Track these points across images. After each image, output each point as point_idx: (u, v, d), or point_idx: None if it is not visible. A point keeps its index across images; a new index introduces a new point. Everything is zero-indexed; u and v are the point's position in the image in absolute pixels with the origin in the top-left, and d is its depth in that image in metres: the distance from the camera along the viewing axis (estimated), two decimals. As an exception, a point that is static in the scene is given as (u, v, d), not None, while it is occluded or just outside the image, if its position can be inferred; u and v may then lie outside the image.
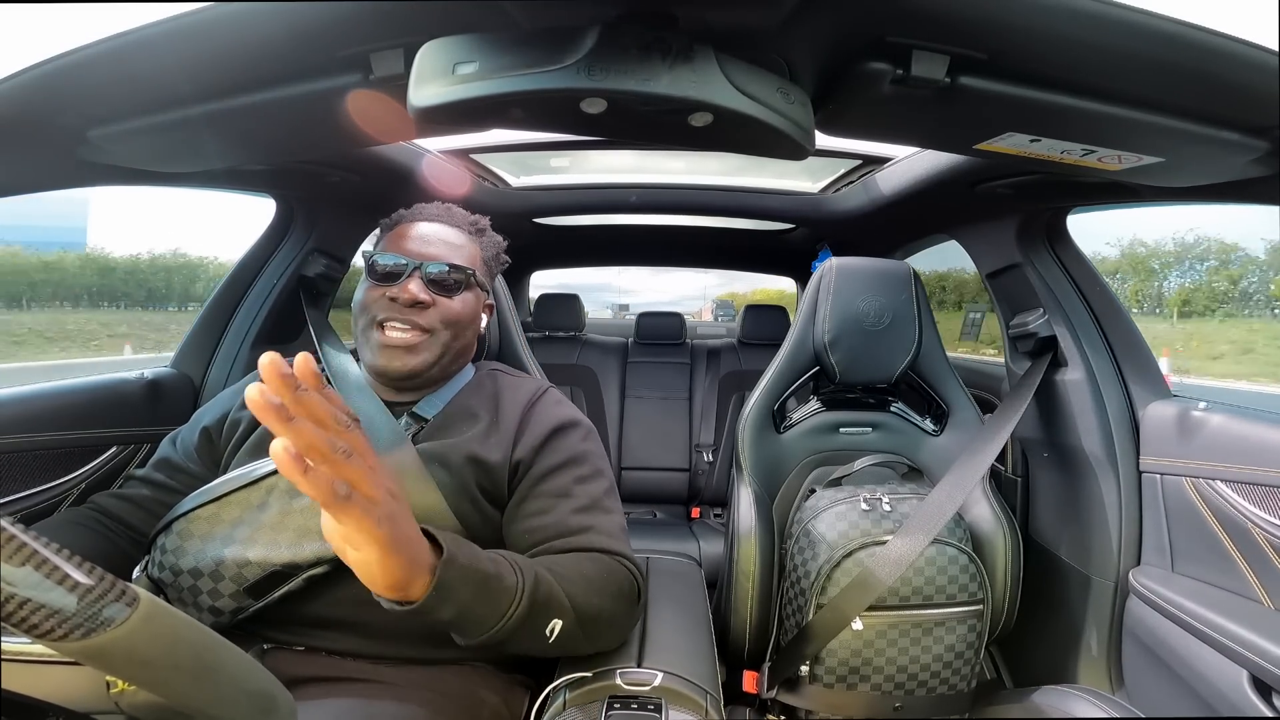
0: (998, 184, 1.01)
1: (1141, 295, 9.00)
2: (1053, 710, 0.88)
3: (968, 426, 1.14)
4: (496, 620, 0.54)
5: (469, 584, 0.51)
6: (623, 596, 0.68)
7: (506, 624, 0.54)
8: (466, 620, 0.53)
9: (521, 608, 0.55)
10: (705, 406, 2.17)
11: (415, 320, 0.73)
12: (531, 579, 0.57)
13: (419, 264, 0.74)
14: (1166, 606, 0.90)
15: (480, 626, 0.54)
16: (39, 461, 0.90)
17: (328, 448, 0.39)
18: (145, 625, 0.35)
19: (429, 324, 0.74)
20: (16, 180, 0.73)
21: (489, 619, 0.54)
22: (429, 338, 0.74)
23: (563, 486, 0.72)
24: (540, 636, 0.58)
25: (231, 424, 0.77)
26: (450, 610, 0.50)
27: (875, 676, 0.94)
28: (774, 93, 0.49)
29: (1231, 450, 0.87)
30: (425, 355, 0.74)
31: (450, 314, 0.75)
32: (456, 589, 0.50)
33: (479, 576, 0.53)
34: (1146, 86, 0.53)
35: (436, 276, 0.74)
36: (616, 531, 0.72)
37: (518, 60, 0.44)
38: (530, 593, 0.56)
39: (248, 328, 1.20)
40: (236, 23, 0.49)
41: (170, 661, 0.37)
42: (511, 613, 0.55)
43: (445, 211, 0.83)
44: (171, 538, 0.66)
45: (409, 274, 0.73)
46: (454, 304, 0.76)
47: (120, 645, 0.34)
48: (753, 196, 1.69)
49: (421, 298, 0.73)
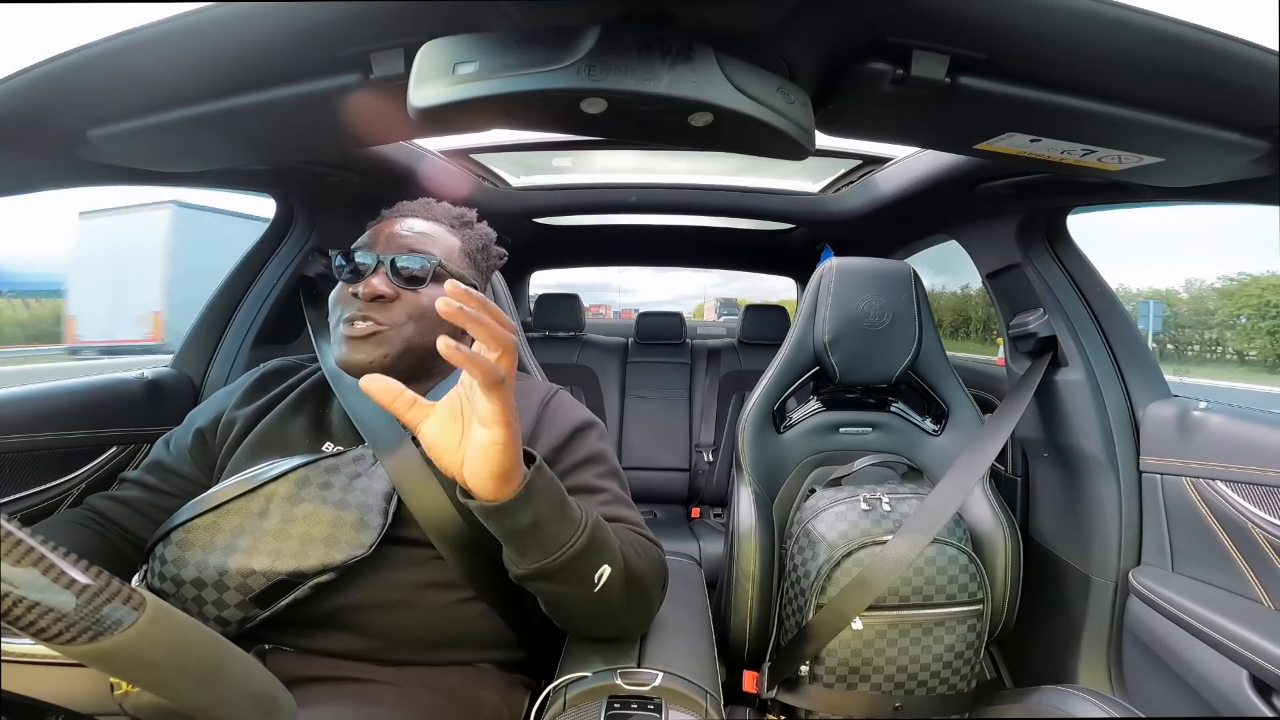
0: (998, 184, 1.01)
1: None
2: (1053, 710, 0.88)
3: (968, 426, 1.14)
4: (558, 546, 0.56)
5: (549, 497, 0.55)
6: (659, 575, 0.71)
7: (566, 552, 0.56)
8: (536, 532, 0.55)
9: (582, 540, 0.57)
10: (705, 406, 2.17)
11: (375, 316, 0.70)
12: (594, 518, 0.60)
13: (380, 258, 0.71)
14: (1166, 606, 0.90)
15: (544, 547, 0.56)
16: (39, 461, 0.90)
17: (507, 340, 0.47)
18: (152, 628, 0.35)
19: (389, 319, 0.70)
20: (16, 180, 0.73)
21: (553, 541, 0.56)
22: (392, 330, 0.71)
23: (587, 483, 0.73)
24: (588, 580, 0.59)
25: (226, 424, 0.76)
26: (527, 517, 0.54)
27: (875, 676, 0.94)
28: (774, 93, 0.49)
29: (1231, 450, 0.87)
30: (386, 348, 0.71)
31: (416, 307, 0.71)
32: (539, 497, 0.54)
33: (558, 494, 0.57)
34: (1146, 86, 0.53)
35: (401, 269, 0.71)
36: (641, 523, 0.74)
37: (518, 60, 0.44)
38: (592, 529, 0.58)
39: (248, 327, 1.19)
40: (236, 23, 0.49)
41: (176, 664, 0.37)
42: (573, 542, 0.57)
43: (424, 206, 0.80)
44: (171, 548, 0.64)
45: (373, 269, 0.71)
46: (420, 297, 0.72)
47: (128, 648, 0.34)
48: (753, 196, 1.69)
49: (383, 290, 0.70)
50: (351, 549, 0.64)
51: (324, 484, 0.67)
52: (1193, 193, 0.77)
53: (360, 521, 0.65)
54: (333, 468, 0.68)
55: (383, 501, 0.67)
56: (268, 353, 1.17)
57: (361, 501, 0.66)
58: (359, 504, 0.66)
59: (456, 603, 0.69)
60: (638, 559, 0.66)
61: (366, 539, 0.65)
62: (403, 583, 0.67)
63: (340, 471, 0.68)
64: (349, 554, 0.64)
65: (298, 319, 1.21)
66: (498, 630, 0.72)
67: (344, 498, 0.66)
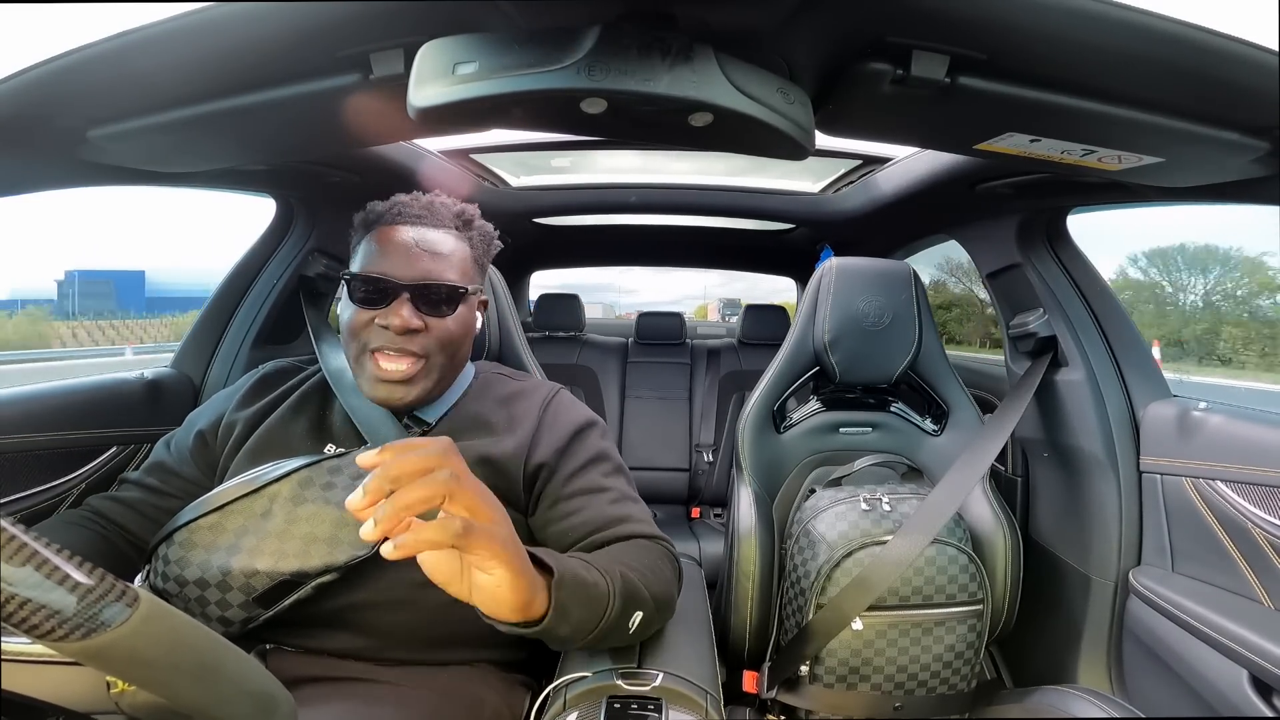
0: (998, 184, 1.01)
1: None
2: (1053, 710, 0.88)
3: (968, 426, 1.14)
4: (595, 625, 0.55)
5: (578, 598, 0.53)
6: (675, 580, 0.71)
7: (602, 627, 0.56)
8: (577, 632, 0.54)
9: (615, 609, 0.57)
10: (705, 406, 2.17)
11: (408, 347, 0.69)
12: (619, 580, 0.58)
13: (406, 286, 0.68)
14: (1166, 606, 0.90)
15: (583, 634, 0.55)
16: (39, 462, 0.90)
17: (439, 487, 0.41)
18: (145, 626, 0.35)
19: (423, 349, 0.69)
20: (16, 180, 0.73)
21: (590, 625, 0.55)
22: (424, 364, 0.70)
23: (593, 482, 0.74)
24: (623, 631, 0.60)
25: (227, 426, 0.76)
26: (566, 627, 0.52)
27: (875, 676, 0.94)
28: (774, 93, 0.49)
29: (1231, 450, 0.87)
30: (424, 383, 0.70)
31: (446, 335, 0.71)
32: (570, 606, 0.52)
33: (583, 589, 0.54)
34: (1146, 86, 0.53)
35: (427, 298, 0.70)
36: (649, 518, 0.74)
37: (518, 60, 0.44)
38: (621, 593, 0.58)
39: (248, 328, 1.19)
40: (236, 23, 0.49)
41: (171, 662, 0.37)
42: (607, 615, 0.56)
43: (428, 210, 0.75)
44: (174, 548, 0.64)
45: (396, 298, 0.68)
46: (448, 324, 0.71)
47: (121, 646, 0.34)
48: (753, 197, 1.69)
49: (414, 324, 0.68)
50: (354, 549, 0.64)
51: (327, 484, 0.67)
52: (1193, 193, 0.77)
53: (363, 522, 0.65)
54: (335, 468, 0.68)
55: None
56: (268, 353, 1.18)
57: None
58: None
59: (458, 602, 0.69)
60: (659, 583, 0.65)
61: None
62: (404, 582, 0.67)
63: (343, 472, 0.68)
64: (352, 554, 0.64)
65: (298, 319, 1.21)
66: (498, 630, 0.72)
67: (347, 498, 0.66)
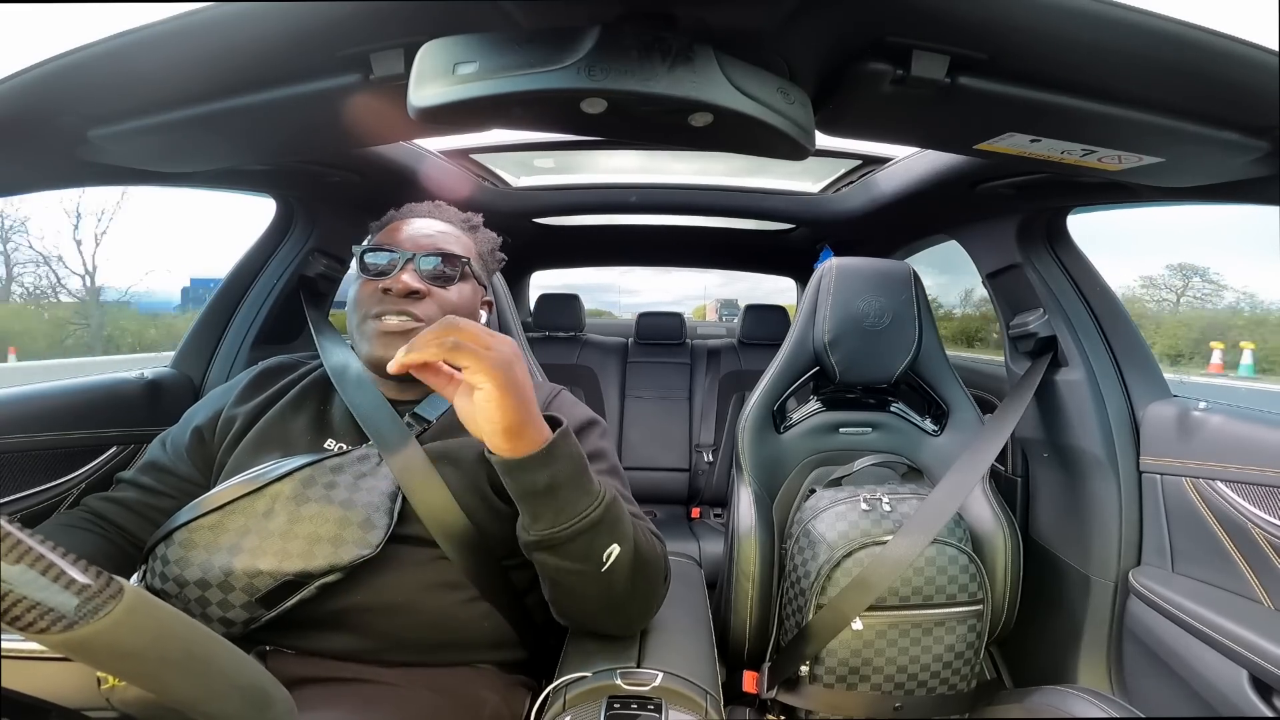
0: (998, 184, 1.01)
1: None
2: (1053, 710, 0.88)
3: (968, 426, 1.14)
4: (573, 515, 0.57)
5: (569, 464, 0.56)
6: (661, 568, 0.71)
7: (580, 521, 0.57)
8: (552, 497, 0.56)
9: (597, 512, 0.58)
10: (705, 406, 2.17)
11: (411, 310, 0.72)
12: (612, 495, 0.61)
13: (411, 254, 0.73)
14: (1166, 607, 0.90)
15: (557, 513, 0.57)
16: (39, 461, 0.89)
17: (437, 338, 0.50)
18: (129, 617, 0.34)
19: (425, 314, 0.72)
20: (16, 180, 0.73)
21: (568, 508, 0.57)
22: (426, 326, 0.71)
23: None
24: (597, 557, 0.60)
25: (226, 421, 0.76)
26: (544, 478, 0.55)
27: (875, 676, 0.94)
28: (774, 93, 0.48)
29: (1231, 450, 0.87)
30: None
31: (447, 305, 0.74)
32: (560, 460, 0.56)
33: (579, 464, 0.58)
34: (1146, 86, 0.53)
35: (430, 268, 0.74)
36: (644, 519, 0.74)
37: (518, 60, 0.44)
38: (607, 504, 0.59)
39: (248, 327, 1.19)
40: (236, 23, 0.49)
41: (157, 654, 0.36)
42: (588, 513, 0.58)
43: (436, 208, 0.83)
44: (174, 548, 0.64)
45: (402, 265, 0.73)
46: (450, 294, 0.75)
47: (103, 637, 0.33)
48: (753, 197, 1.69)
49: (416, 286, 0.72)
50: (358, 549, 0.64)
51: (329, 484, 0.67)
52: (1193, 193, 0.77)
53: (367, 521, 0.65)
54: (337, 467, 0.68)
55: (388, 501, 0.67)
56: (268, 353, 1.17)
57: (367, 501, 0.66)
58: (365, 503, 0.66)
59: (460, 603, 0.69)
60: (646, 544, 0.66)
61: (373, 539, 0.65)
62: (407, 584, 0.67)
63: (345, 471, 0.68)
64: (356, 554, 0.64)
65: (298, 319, 1.21)
66: (500, 631, 0.72)
67: (350, 497, 0.66)
